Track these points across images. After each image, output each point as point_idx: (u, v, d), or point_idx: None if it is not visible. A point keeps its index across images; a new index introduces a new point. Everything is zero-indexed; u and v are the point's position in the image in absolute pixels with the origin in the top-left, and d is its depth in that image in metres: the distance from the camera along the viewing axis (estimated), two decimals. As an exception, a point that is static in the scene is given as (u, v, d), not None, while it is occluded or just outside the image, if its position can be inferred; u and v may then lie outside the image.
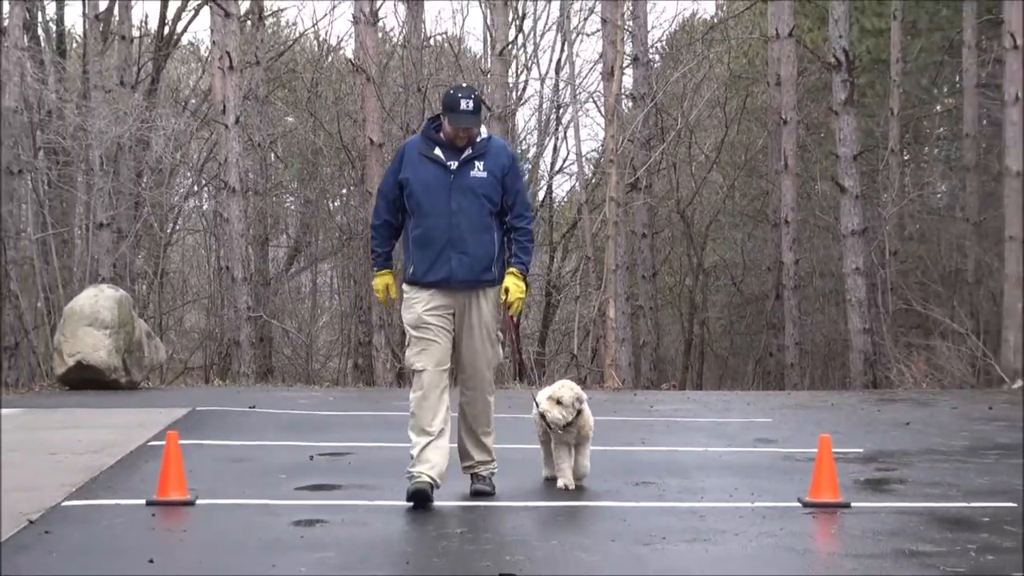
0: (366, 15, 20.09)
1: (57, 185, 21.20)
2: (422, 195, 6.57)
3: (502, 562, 5.27)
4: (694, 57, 25.19)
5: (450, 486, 6.61)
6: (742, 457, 8.83)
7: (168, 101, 25.13)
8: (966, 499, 7.05)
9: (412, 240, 6.64)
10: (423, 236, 6.58)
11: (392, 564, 5.30)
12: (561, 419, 6.85)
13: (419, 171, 6.61)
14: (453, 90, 6.64)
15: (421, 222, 6.59)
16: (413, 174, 6.61)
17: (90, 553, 5.45)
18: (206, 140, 24.86)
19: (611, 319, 18.83)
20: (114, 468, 7.73)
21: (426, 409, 6.53)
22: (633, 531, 6.00)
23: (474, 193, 6.57)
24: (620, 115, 20.64)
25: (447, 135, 6.60)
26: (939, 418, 11.70)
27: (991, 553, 5.60)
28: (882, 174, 22.50)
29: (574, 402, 6.92)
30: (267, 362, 21.79)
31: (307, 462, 8.16)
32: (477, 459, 6.73)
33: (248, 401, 12.59)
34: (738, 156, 27.88)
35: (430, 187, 6.57)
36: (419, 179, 6.59)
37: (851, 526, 6.24)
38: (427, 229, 6.57)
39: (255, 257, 21.91)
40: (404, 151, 6.79)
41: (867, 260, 20.87)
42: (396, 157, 6.87)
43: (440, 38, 26.32)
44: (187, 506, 6.47)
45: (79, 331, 13.78)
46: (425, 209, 6.57)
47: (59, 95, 20.81)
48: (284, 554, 5.41)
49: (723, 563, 5.37)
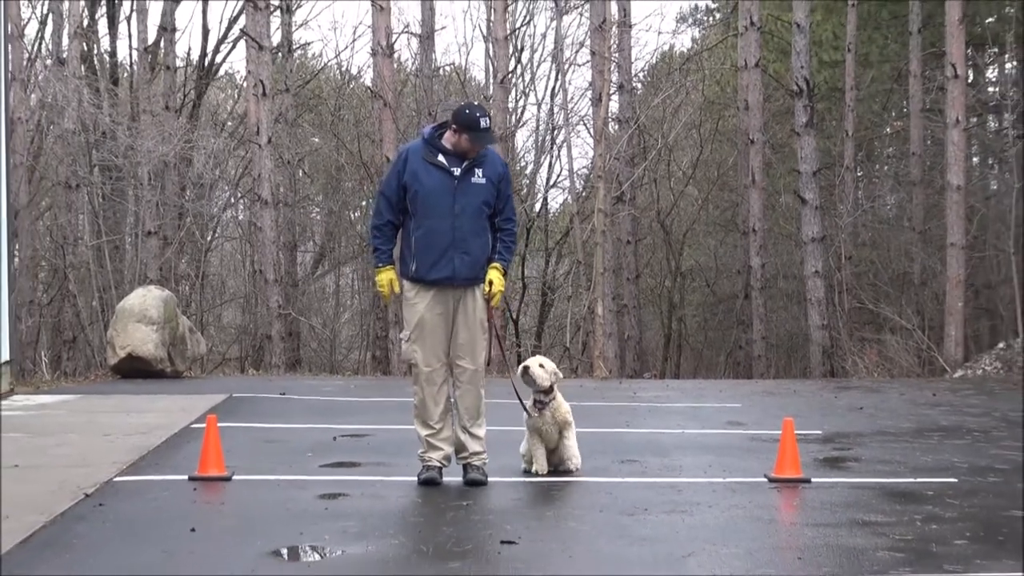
0: (383, 48, 20.10)
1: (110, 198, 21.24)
2: (427, 198, 6.38)
3: (502, 531, 5.28)
4: (672, 85, 25.21)
5: (456, 467, 6.60)
6: (715, 438, 8.83)
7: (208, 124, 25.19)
8: (913, 475, 7.07)
9: (415, 240, 6.43)
10: (426, 236, 6.38)
11: (405, 533, 5.30)
12: (545, 378, 6.63)
13: (424, 176, 6.40)
14: (469, 109, 6.42)
15: (423, 223, 6.40)
16: (418, 178, 6.40)
17: (139, 523, 5.46)
18: (242, 158, 24.87)
19: (599, 316, 18.85)
20: (160, 448, 7.74)
21: (429, 404, 6.46)
22: (619, 503, 6.01)
23: (475, 198, 6.43)
24: (607, 136, 20.64)
25: (456, 146, 6.40)
26: (889, 403, 11.71)
27: (935, 523, 5.61)
28: (838, 188, 22.51)
29: (554, 372, 6.73)
30: (296, 354, 21.79)
31: (331, 442, 8.16)
32: (471, 451, 6.55)
33: (279, 388, 12.62)
34: (711, 172, 27.91)
35: (435, 191, 6.37)
36: (424, 183, 6.38)
37: (811, 499, 6.25)
38: (430, 230, 6.37)
39: (285, 261, 21.95)
40: (407, 156, 6.53)
41: (825, 264, 20.90)
42: (398, 161, 6.59)
43: (448, 68, 26.40)
44: (224, 481, 6.48)
45: (129, 327, 13.80)
46: (429, 211, 6.38)
47: (112, 118, 20.82)
48: (310, 523, 5.42)
49: (698, 531, 5.37)
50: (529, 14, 26.09)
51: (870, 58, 25.24)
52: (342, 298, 28.91)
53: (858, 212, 22.91)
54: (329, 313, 26.40)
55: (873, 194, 26.34)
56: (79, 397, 11.33)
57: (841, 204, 22.05)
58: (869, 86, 24.86)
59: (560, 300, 26.20)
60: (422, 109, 22.17)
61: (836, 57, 24.89)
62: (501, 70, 21.08)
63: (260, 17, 20.54)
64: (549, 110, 26.12)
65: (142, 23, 23.24)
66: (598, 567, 4.70)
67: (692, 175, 27.84)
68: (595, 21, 21.11)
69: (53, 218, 22.11)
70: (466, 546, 5.01)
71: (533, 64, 26.72)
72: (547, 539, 5.19)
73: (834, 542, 5.18)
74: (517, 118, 25.22)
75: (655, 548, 5.02)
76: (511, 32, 23.40)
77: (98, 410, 10.03)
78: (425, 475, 6.44)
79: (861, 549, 5.04)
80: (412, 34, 23.57)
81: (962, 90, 19.05)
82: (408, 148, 6.64)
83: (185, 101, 25.32)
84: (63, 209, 20.97)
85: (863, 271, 22.80)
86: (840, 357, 20.13)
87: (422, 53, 22.34)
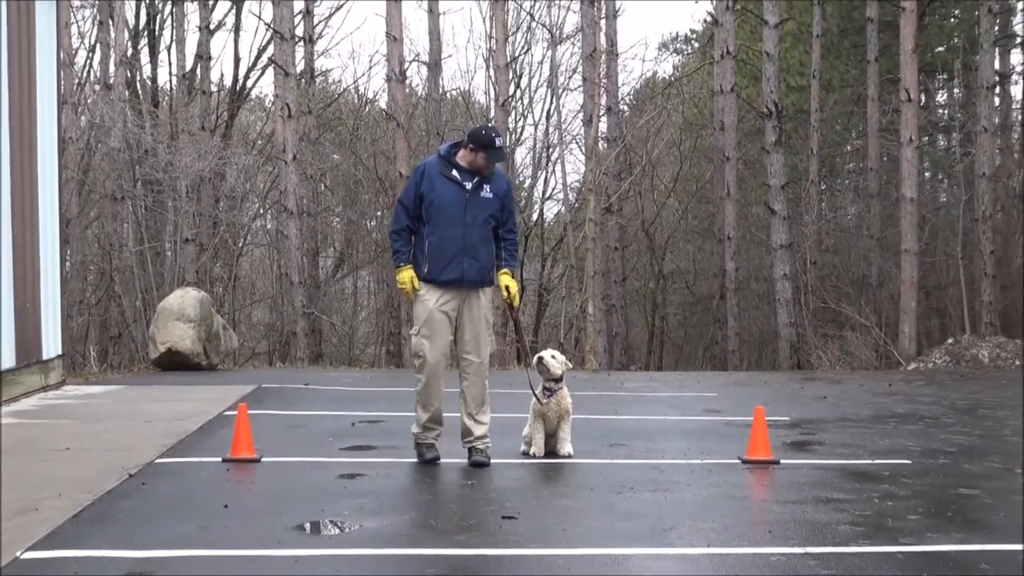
0: (396, 74, 20.10)
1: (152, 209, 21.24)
2: (441, 208, 6.44)
3: (503, 507, 5.29)
4: (655, 107, 25.21)
5: (461, 449, 6.60)
6: (694, 424, 8.83)
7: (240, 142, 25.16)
8: (871, 457, 7.07)
9: (428, 244, 6.47)
10: (439, 242, 6.43)
11: (416, 509, 5.31)
12: (557, 368, 6.69)
13: (440, 188, 6.47)
14: (485, 130, 6.54)
15: (436, 230, 6.44)
16: (434, 190, 6.47)
17: (177, 500, 5.46)
18: (270, 173, 24.86)
19: (590, 315, 18.85)
20: (196, 433, 7.74)
21: (431, 391, 6.51)
22: (608, 482, 6.01)
23: (484, 210, 6.50)
24: (597, 153, 20.65)
25: (472, 163, 6.50)
26: (849, 393, 11.71)
27: (891, 500, 5.62)
28: (804, 200, 22.51)
29: (565, 363, 6.79)
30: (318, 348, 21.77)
31: (350, 428, 8.15)
32: (476, 435, 6.57)
33: (303, 379, 12.62)
34: (690, 186, 27.92)
35: (449, 202, 6.45)
36: (439, 195, 6.45)
37: (780, 478, 6.26)
38: (443, 237, 6.43)
39: (308, 265, 21.92)
40: (424, 170, 6.58)
41: (792, 268, 20.89)
42: (416, 174, 6.64)
43: (454, 92, 26.38)
44: (254, 463, 6.49)
45: (169, 324, 13.79)
46: (443, 220, 6.44)
47: (153, 137, 20.82)
48: (331, 500, 5.43)
49: (678, 508, 5.38)
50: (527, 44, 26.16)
51: (832, 83, 25.26)
52: (359, 298, 28.88)
53: (822, 221, 22.90)
54: (348, 312, 26.36)
55: (835, 205, 26.34)
56: (124, 388, 11.32)
57: (806, 214, 22.04)
58: (831, 108, 24.87)
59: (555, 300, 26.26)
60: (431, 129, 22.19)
61: (802, 83, 24.91)
62: (502, 94, 21.07)
63: (286, 47, 20.55)
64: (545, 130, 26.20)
65: (180, 52, 23.27)
66: (589, 540, 4.70)
67: (673, 188, 27.83)
68: (586, 50, 21.13)
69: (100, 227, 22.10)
70: (470, 521, 5.02)
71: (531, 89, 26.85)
72: (543, 515, 5.20)
73: (800, 517, 5.19)
74: (516, 137, 25.25)
75: (640, 523, 5.03)
76: (511, 60, 23.41)
77: (141, 399, 10.04)
78: (429, 454, 6.54)
79: (825, 523, 5.05)
80: (422, 62, 23.56)
81: (915, 112, 19.06)
82: (426, 163, 6.70)
83: (219, 122, 25.31)
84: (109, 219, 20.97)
85: (826, 274, 22.80)
86: (806, 352, 20.12)
87: (431, 79, 22.34)
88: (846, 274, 22.95)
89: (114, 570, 4.14)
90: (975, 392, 11.83)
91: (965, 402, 10.66)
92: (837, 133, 26.28)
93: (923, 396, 11.32)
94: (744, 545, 4.65)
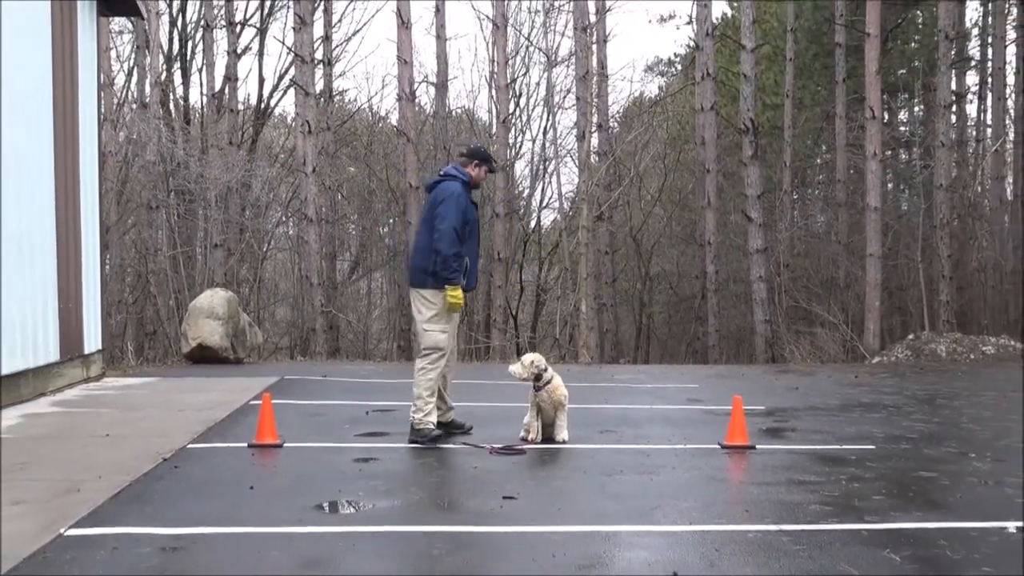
0: (406, 94, 20.09)
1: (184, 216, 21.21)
2: (474, 227, 6.66)
3: (504, 488, 5.29)
4: (642, 124, 25.28)
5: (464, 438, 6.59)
6: (677, 412, 8.83)
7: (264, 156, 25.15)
8: (839, 443, 7.07)
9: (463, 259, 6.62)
10: (469, 256, 6.63)
11: (424, 490, 5.30)
12: (518, 373, 6.66)
13: (471, 211, 6.64)
14: (483, 148, 6.80)
15: (467, 245, 6.62)
16: (471, 213, 6.63)
17: (207, 482, 5.46)
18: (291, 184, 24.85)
19: (583, 313, 18.83)
20: (224, 420, 7.74)
21: (439, 375, 6.72)
22: (599, 466, 6.01)
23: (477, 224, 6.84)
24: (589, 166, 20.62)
25: (477, 177, 6.71)
26: (819, 384, 11.71)
27: (857, 482, 5.61)
28: (778, 208, 22.53)
29: (530, 364, 6.68)
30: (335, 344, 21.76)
31: (364, 416, 8.15)
32: (449, 405, 6.98)
33: (321, 372, 12.61)
34: (674, 196, 27.92)
35: (474, 222, 6.67)
36: (472, 216, 6.65)
37: (756, 462, 6.25)
38: (471, 251, 6.66)
39: (326, 268, 21.91)
40: (462, 196, 6.57)
41: (767, 270, 20.90)
42: (460, 201, 6.52)
43: (459, 110, 26.39)
44: (277, 448, 6.49)
45: (200, 321, 13.79)
46: (473, 236, 6.66)
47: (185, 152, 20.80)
48: (347, 482, 5.43)
49: (663, 489, 5.37)
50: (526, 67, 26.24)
51: (804, 102, 25.28)
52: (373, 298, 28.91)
53: (794, 228, 22.92)
54: (362, 310, 26.36)
55: (806, 213, 26.33)
56: (158, 379, 11.33)
57: (780, 222, 22.06)
58: (803, 125, 24.90)
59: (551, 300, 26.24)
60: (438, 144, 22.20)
61: (776, 101, 24.94)
62: (503, 112, 21.09)
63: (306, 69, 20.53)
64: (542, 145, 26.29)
65: (210, 74, 23.24)
66: (582, 518, 4.70)
67: (658, 198, 27.83)
68: (579, 72, 21.12)
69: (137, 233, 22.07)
70: (474, 500, 5.01)
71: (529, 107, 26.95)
72: (540, 495, 5.20)
73: (775, 498, 5.18)
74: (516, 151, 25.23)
75: (628, 503, 5.03)
76: (511, 81, 23.42)
77: (174, 390, 10.04)
78: (436, 432, 6.71)
79: (797, 503, 5.05)
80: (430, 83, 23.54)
81: (878, 129, 19.07)
82: (459, 190, 6.59)
83: (245, 137, 25.29)
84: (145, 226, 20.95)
85: (798, 276, 22.81)
86: (779, 346, 20.13)
87: (438, 98, 22.34)
88: (816, 276, 22.96)
89: (149, 546, 4.14)
90: (934, 383, 11.82)
91: (924, 392, 10.66)
92: (808, 147, 26.29)
93: (886, 387, 11.32)
94: (723, 523, 4.65)
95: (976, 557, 4.08)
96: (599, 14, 22.21)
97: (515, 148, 25.03)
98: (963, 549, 4.20)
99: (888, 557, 4.08)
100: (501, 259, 20.87)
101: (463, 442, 6.67)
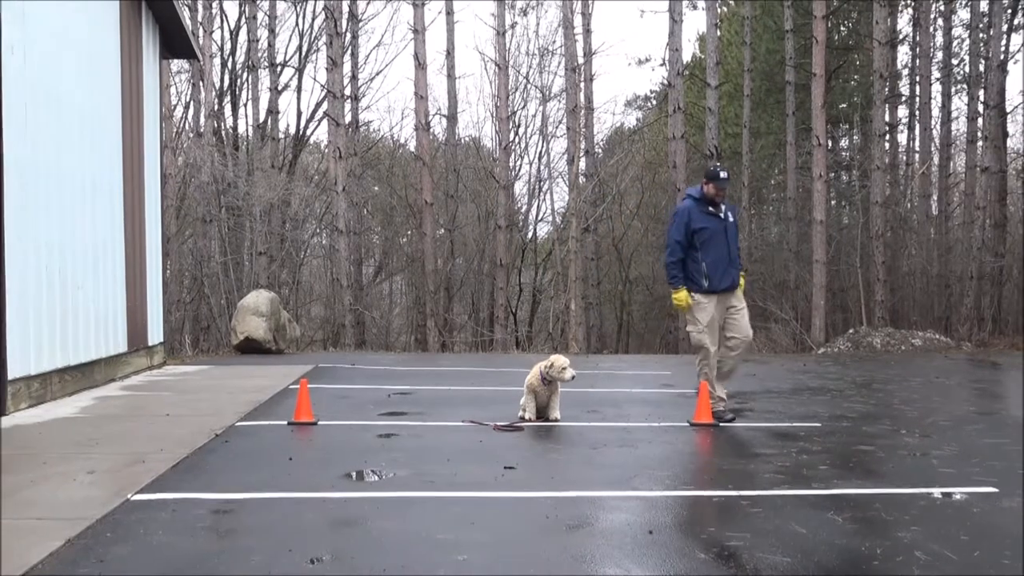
0: (422, 124, 20.10)
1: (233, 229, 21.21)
2: (711, 236, 6.60)
3: (505, 459, 5.28)
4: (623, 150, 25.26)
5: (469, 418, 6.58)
6: (653, 395, 8.83)
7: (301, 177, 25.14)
8: (790, 421, 7.06)
9: (706, 265, 6.62)
10: (714, 261, 6.61)
11: (437, 461, 5.30)
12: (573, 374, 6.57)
13: (706, 222, 6.59)
14: (714, 167, 6.64)
15: (710, 252, 6.61)
16: (705, 223, 6.58)
17: (253, 453, 5.46)
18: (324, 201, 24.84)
19: (572, 311, 18.83)
20: (267, 402, 7.74)
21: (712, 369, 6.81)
22: (587, 440, 6.01)
23: (733, 230, 6.79)
24: (578, 186, 20.64)
25: (707, 193, 6.61)
26: (773, 372, 11.70)
27: (805, 455, 5.61)
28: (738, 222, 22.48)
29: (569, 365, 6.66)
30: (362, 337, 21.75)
31: (386, 398, 8.15)
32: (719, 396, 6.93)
33: (350, 361, 12.61)
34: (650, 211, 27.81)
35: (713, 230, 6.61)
36: (709, 226, 6.60)
37: (719, 438, 6.25)
38: (716, 257, 6.63)
39: (354, 272, 21.89)
40: (687, 212, 6.58)
41: (729, 275, 20.83)
42: (682, 217, 6.60)
43: (467, 139, 26.38)
44: (312, 425, 6.48)
45: (246, 318, 13.80)
46: (713, 244, 6.60)
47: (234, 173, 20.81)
48: (372, 454, 5.43)
49: (642, 459, 5.37)
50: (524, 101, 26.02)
51: (760, 131, 25.27)
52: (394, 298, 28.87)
53: (752, 238, 22.89)
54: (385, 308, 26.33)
55: (762, 226, 26.30)
56: (211, 367, 11.33)
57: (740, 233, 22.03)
58: (759, 151, 24.88)
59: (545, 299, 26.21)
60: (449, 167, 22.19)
61: (736, 131, 24.94)
62: (504, 140, 21.08)
63: (337, 103, 20.54)
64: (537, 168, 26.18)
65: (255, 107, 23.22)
66: (573, 485, 4.69)
67: (636, 213, 27.79)
68: (569, 106, 21.13)
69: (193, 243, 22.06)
70: (480, 469, 5.01)
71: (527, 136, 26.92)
72: (536, 466, 5.20)
73: (735, 468, 5.18)
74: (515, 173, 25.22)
75: (611, 472, 5.02)
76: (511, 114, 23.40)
77: (224, 376, 10.06)
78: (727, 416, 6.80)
79: (754, 472, 5.04)
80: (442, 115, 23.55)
81: (824, 154, 19.06)
82: (686, 208, 6.65)
83: (285, 161, 25.28)
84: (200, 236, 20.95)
85: (755, 279, 22.79)
86: (739, 339, 20.07)
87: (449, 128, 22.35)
88: (770, 279, 22.95)
89: (204, 508, 4.14)
90: (870, 371, 11.82)
91: (862, 378, 10.65)
92: (763, 170, 26.29)
93: (830, 374, 11.31)
94: (691, 489, 4.65)
95: (906, 518, 4.08)
96: (586, 56, 22.22)
97: (515, 170, 25.02)
98: (895, 511, 4.20)
99: (832, 518, 4.08)
100: (503, 264, 20.87)
101: (470, 420, 6.67)
